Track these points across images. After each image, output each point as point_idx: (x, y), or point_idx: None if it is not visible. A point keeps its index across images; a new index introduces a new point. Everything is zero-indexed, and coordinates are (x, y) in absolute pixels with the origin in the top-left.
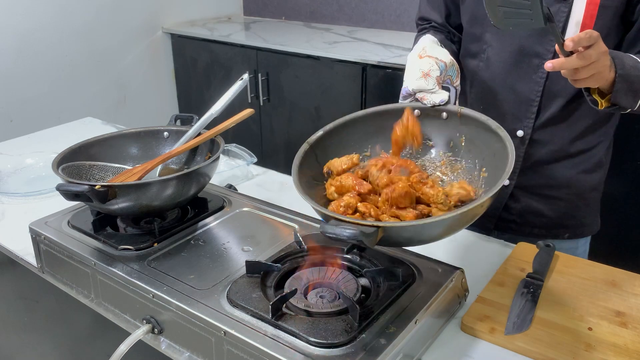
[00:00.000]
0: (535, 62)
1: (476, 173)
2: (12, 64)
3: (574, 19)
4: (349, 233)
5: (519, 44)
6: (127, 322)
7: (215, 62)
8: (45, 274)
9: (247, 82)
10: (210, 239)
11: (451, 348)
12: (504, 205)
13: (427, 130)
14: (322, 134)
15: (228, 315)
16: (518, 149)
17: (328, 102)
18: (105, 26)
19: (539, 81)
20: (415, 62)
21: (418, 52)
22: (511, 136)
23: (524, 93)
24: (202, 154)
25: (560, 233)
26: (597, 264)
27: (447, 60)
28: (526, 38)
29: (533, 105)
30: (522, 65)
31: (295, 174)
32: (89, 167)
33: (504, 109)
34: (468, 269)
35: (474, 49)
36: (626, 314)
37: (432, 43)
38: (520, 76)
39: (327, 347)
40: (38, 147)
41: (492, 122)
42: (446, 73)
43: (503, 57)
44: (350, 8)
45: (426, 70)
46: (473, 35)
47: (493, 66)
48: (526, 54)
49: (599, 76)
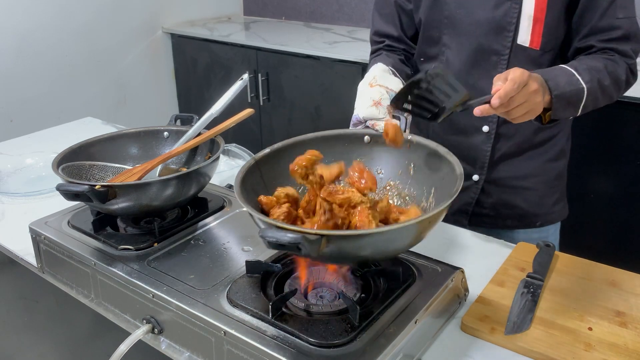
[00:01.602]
0: (493, 59)
1: (424, 199)
2: (12, 64)
3: (525, 14)
4: (291, 237)
5: (476, 42)
6: (127, 322)
7: (215, 62)
8: (45, 274)
9: (247, 82)
10: (210, 239)
11: (451, 348)
12: (476, 200)
13: (377, 158)
14: (268, 152)
15: (228, 315)
16: (484, 144)
17: (328, 102)
18: (105, 26)
19: None
20: (366, 91)
21: (369, 80)
22: (477, 132)
23: (485, 90)
24: (202, 154)
25: (532, 222)
26: (597, 264)
27: (397, 89)
28: (483, 36)
29: None
30: (481, 63)
31: (238, 186)
32: (89, 167)
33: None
34: (468, 269)
35: (432, 52)
36: (626, 314)
37: (382, 72)
38: (481, 74)
39: (327, 347)
40: (38, 147)
41: (441, 148)
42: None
43: (462, 57)
44: (350, 8)
45: (377, 98)
46: (430, 39)
47: (453, 67)
48: (484, 52)
49: (533, 111)
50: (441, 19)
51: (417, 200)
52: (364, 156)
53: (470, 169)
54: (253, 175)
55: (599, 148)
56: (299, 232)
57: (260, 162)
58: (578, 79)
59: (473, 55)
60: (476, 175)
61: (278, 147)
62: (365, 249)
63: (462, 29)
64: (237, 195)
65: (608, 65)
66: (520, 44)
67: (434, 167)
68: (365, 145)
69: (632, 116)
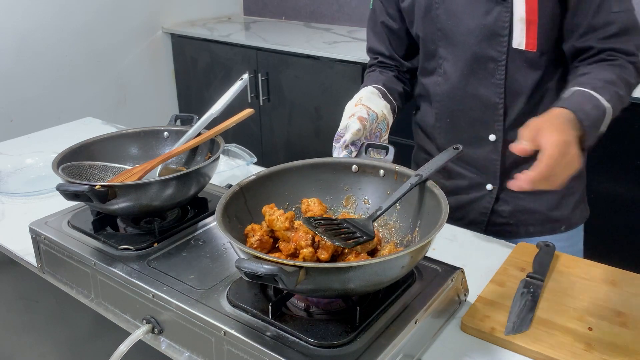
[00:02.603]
0: (491, 66)
1: (409, 231)
2: (12, 64)
3: (517, 17)
4: (267, 269)
5: (471, 51)
6: (127, 322)
7: (215, 62)
8: (45, 274)
9: (247, 82)
10: (210, 239)
11: (451, 348)
12: (492, 210)
13: (364, 187)
14: (254, 178)
15: (228, 315)
16: (493, 153)
17: (328, 102)
18: (105, 26)
19: (498, 83)
20: (349, 109)
21: (355, 101)
22: (484, 142)
23: (487, 97)
24: (202, 154)
25: (556, 227)
26: (597, 264)
27: (378, 112)
28: (477, 44)
29: (499, 108)
30: (479, 71)
31: (220, 212)
32: (89, 167)
33: (472, 117)
34: (468, 269)
35: (431, 67)
36: (626, 314)
37: (370, 94)
38: (480, 82)
39: (327, 347)
40: (38, 147)
41: (428, 181)
42: (377, 126)
43: (459, 67)
44: (350, 8)
45: (354, 112)
46: (427, 53)
47: (451, 78)
48: (481, 60)
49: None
50: (435, 32)
51: (403, 231)
52: (351, 185)
53: (483, 179)
54: (237, 202)
55: (617, 147)
56: (276, 263)
57: (245, 189)
58: (599, 100)
59: (470, 64)
60: (490, 185)
61: (264, 174)
62: (346, 282)
63: (456, 39)
64: (218, 222)
65: (620, 74)
66: (516, 48)
67: (420, 198)
68: (353, 174)
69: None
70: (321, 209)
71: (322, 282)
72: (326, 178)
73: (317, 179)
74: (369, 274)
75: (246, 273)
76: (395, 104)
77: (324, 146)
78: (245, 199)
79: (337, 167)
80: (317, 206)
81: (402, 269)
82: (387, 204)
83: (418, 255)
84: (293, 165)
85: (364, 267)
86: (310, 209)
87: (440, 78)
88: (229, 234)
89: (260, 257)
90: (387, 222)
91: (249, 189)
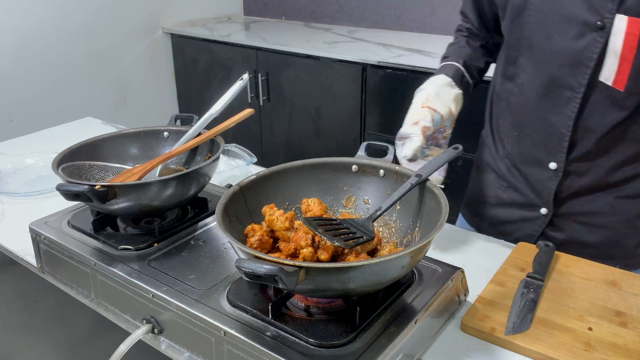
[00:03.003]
0: (566, 94)
1: (409, 231)
2: (12, 64)
3: (612, 50)
4: (267, 269)
5: (550, 73)
6: (127, 322)
7: (215, 62)
8: (45, 274)
9: (247, 82)
10: (210, 239)
11: (451, 348)
12: (543, 233)
13: (364, 187)
14: (254, 178)
15: (228, 315)
16: (550, 181)
17: (328, 102)
18: (105, 26)
19: (570, 115)
20: (415, 111)
21: (422, 100)
22: (544, 167)
23: (555, 126)
24: (202, 154)
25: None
26: (597, 264)
27: (444, 112)
28: (558, 68)
29: (564, 140)
30: (553, 96)
31: (220, 212)
32: (89, 167)
33: (536, 140)
34: (468, 269)
35: (510, 72)
36: (626, 314)
37: (440, 89)
38: (552, 108)
39: (327, 347)
40: (38, 147)
41: (428, 181)
42: (442, 123)
43: (535, 86)
44: (350, 8)
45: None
46: (509, 57)
47: (526, 93)
48: (557, 85)
49: None
50: (520, 38)
51: (403, 231)
52: (351, 185)
53: (537, 201)
54: (237, 202)
55: None
56: (276, 263)
57: (245, 189)
58: None
59: (545, 86)
60: (544, 209)
61: (264, 174)
62: (346, 282)
63: (539, 55)
64: (218, 222)
65: None
66: (602, 82)
67: (420, 198)
68: (353, 174)
69: None
70: (321, 209)
71: (322, 282)
72: (326, 178)
73: (317, 179)
74: (369, 274)
75: (246, 273)
76: (471, 83)
77: (324, 146)
78: (245, 199)
79: (337, 167)
80: (317, 206)
81: (402, 269)
82: (387, 204)
83: (418, 255)
84: (293, 165)
85: (364, 267)
86: (310, 209)
87: (516, 88)
88: (229, 234)
89: (260, 257)
90: (387, 222)
91: (249, 189)
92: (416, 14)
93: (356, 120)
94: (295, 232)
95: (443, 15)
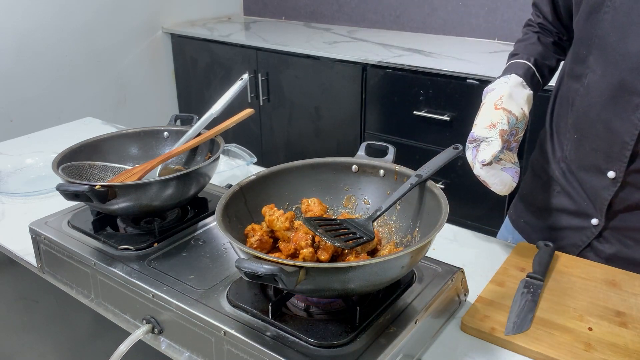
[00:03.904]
0: (635, 100)
1: (409, 231)
2: (12, 64)
3: None
4: (267, 269)
5: (620, 76)
6: (127, 322)
7: (215, 62)
8: (45, 274)
9: (247, 82)
10: (210, 239)
11: (451, 348)
12: (591, 246)
13: (364, 187)
14: (254, 178)
15: (228, 315)
16: (606, 190)
17: (328, 102)
18: (105, 26)
19: (636, 123)
20: (488, 112)
21: (495, 100)
22: (601, 176)
23: (618, 132)
24: (202, 154)
25: None
26: (597, 264)
27: (518, 114)
28: (629, 72)
29: (627, 148)
30: (620, 101)
31: (220, 212)
32: (89, 167)
33: (597, 145)
34: (468, 269)
35: (577, 71)
36: (626, 314)
37: (512, 89)
38: (617, 113)
39: (327, 347)
40: (38, 147)
41: (428, 181)
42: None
43: (602, 88)
44: (350, 8)
45: (495, 121)
46: (577, 56)
47: (591, 95)
48: (626, 90)
49: None
50: (592, 37)
51: (403, 231)
52: (351, 185)
53: (590, 211)
54: (237, 202)
55: None
56: (276, 263)
57: (245, 189)
58: None
59: (613, 90)
60: (595, 219)
61: (264, 174)
62: (346, 282)
63: (610, 56)
64: (218, 222)
65: None
66: None
67: (420, 198)
68: (353, 174)
69: None
70: (321, 209)
71: (322, 282)
72: (326, 178)
73: (317, 179)
74: (369, 274)
75: (246, 273)
76: (541, 83)
77: (324, 146)
78: (245, 199)
79: (337, 167)
80: (317, 206)
81: (402, 269)
82: (387, 204)
83: (418, 255)
84: (293, 165)
85: (364, 267)
86: (310, 209)
87: (582, 89)
88: (229, 234)
89: (260, 257)
90: (387, 222)
91: (249, 189)
92: (416, 14)
93: (356, 120)
94: (295, 232)
95: (443, 15)
